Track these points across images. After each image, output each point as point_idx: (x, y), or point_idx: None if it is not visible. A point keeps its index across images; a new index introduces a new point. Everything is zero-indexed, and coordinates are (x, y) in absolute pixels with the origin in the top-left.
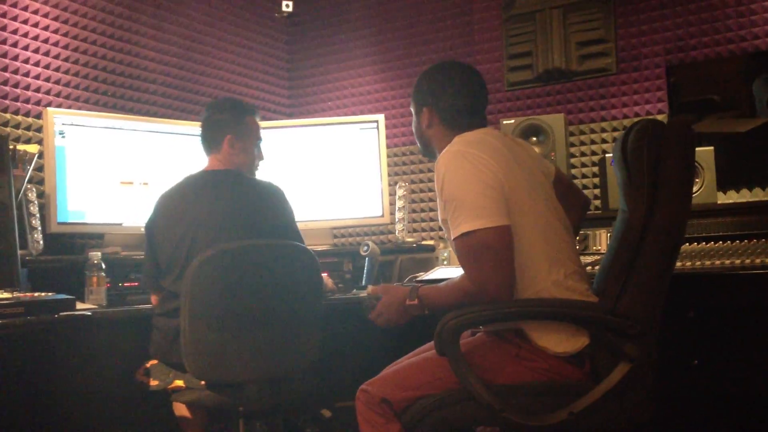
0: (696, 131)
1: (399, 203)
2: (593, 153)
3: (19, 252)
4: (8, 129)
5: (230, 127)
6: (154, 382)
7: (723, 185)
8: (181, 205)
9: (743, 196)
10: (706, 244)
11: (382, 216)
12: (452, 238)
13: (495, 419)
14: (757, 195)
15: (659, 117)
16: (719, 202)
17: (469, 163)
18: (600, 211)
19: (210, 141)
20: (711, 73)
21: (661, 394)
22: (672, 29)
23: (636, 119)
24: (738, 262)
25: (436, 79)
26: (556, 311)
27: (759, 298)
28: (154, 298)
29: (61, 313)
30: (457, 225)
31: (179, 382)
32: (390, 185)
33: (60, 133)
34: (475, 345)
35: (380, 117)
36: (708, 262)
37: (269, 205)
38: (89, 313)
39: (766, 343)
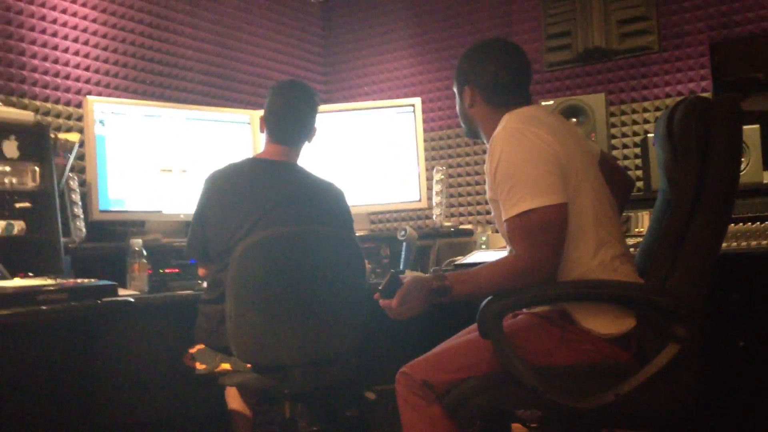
0: (742, 109)
1: (436, 187)
2: (635, 134)
3: (62, 240)
4: (49, 118)
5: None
6: (201, 366)
7: (767, 164)
8: (234, 191)
9: None
10: (753, 224)
11: (420, 200)
12: (508, 216)
13: (539, 402)
14: None
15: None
16: (765, 181)
17: (527, 140)
18: (642, 193)
19: (304, 133)
20: (756, 51)
21: (707, 376)
22: (715, 5)
23: (679, 98)
24: None
25: (476, 57)
26: (603, 292)
27: None
28: (201, 270)
29: (104, 299)
30: (514, 203)
31: (226, 366)
32: (427, 170)
33: (100, 122)
34: (518, 327)
35: (417, 100)
36: (754, 243)
37: (324, 199)
38: (132, 299)
39: None
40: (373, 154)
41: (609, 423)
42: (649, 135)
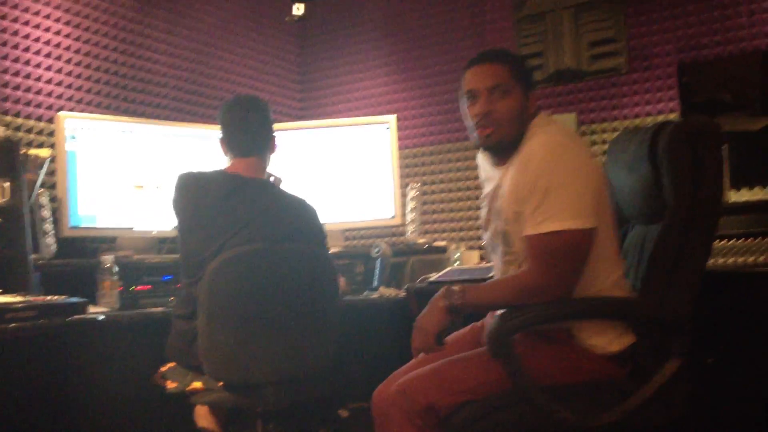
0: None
1: (410, 204)
2: (605, 153)
3: (31, 256)
4: (20, 133)
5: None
6: (171, 385)
7: (736, 183)
8: (209, 204)
9: (756, 194)
10: (720, 242)
11: (394, 217)
12: (533, 233)
13: (549, 421)
14: None
15: (671, 116)
16: (732, 200)
17: (573, 156)
18: None
19: (261, 141)
20: (722, 72)
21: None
22: (683, 28)
23: (648, 119)
24: (751, 260)
25: (526, 63)
26: (614, 309)
27: None
28: None
29: (73, 317)
30: (542, 220)
31: (197, 384)
32: (401, 186)
33: (72, 137)
34: (522, 346)
35: (392, 118)
36: (721, 260)
37: (297, 215)
38: (101, 317)
39: None
40: (348, 170)
41: None
42: None
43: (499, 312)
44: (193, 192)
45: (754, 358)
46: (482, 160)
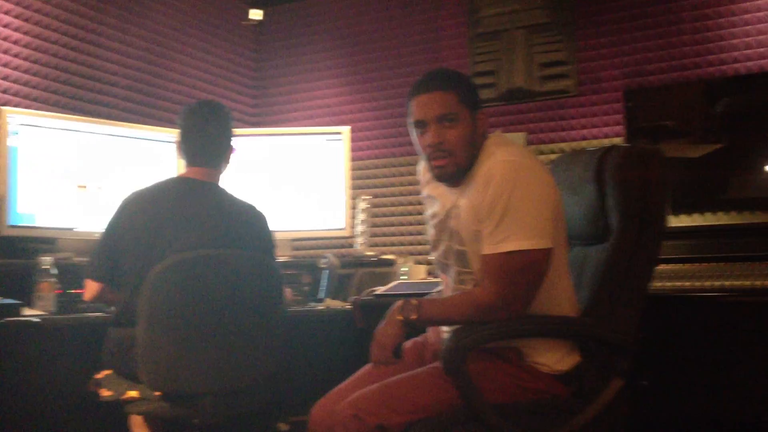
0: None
1: (360, 216)
2: None
3: None
4: None
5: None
6: (106, 393)
7: (676, 209)
8: (152, 211)
9: (695, 220)
10: (658, 266)
11: (344, 229)
12: (490, 252)
13: None
14: (708, 219)
15: (616, 140)
16: (672, 225)
17: (534, 177)
18: None
19: (217, 152)
20: (667, 99)
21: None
22: (630, 54)
23: (594, 141)
24: (689, 284)
25: (472, 83)
26: (566, 329)
27: (709, 320)
28: (91, 291)
29: (7, 318)
30: (500, 240)
31: (133, 393)
32: (352, 198)
33: (14, 133)
34: (474, 363)
35: (345, 129)
36: (659, 284)
37: (244, 221)
38: (37, 320)
39: (717, 365)
40: (300, 180)
41: None
42: None
43: (451, 329)
44: (136, 207)
45: (688, 380)
46: (427, 178)
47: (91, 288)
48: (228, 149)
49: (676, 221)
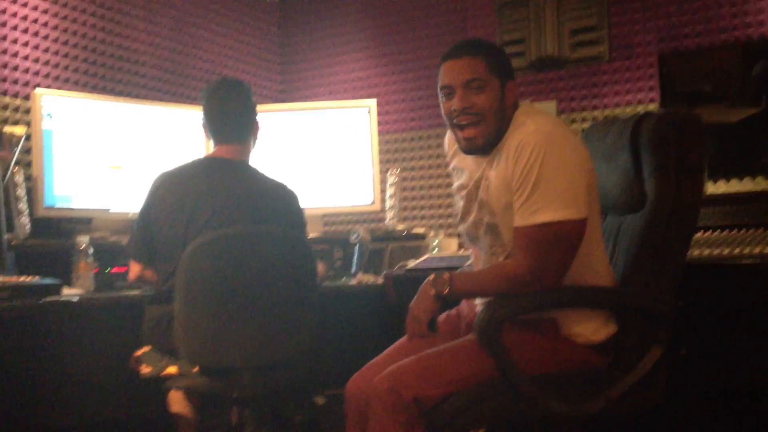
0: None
1: (390, 190)
2: None
3: (5, 236)
4: None
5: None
6: (146, 369)
7: (713, 175)
8: (183, 191)
9: (733, 186)
10: (695, 233)
11: (373, 203)
12: (523, 224)
13: (534, 411)
14: (746, 185)
15: (651, 106)
16: (709, 192)
17: (568, 147)
18: None
19: (242, 128)
20: (703, 63)
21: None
22: (665, 18)
23: (628, 108)
24: (727, 252)
25: (503, 54)
26: (602, 299)
27: (748, 288)
28: (134, 272)
29: (47, 299)
30: (536, 210)
31: (172, 369)
32: (381, 172)
33: (48, 115)
34: (510, 335)
35: (372, 102)
36: (697, 252)
37: (276, 199)
38: (75, 299)
39: (757, 334)
40: (328, 155)
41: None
42: None
43: (484, 300)
44: (169, 186)
45: (728, 350)
46: (454, 149)
47: (134, 269)
48: (253, 124)
49: (713, 188)
